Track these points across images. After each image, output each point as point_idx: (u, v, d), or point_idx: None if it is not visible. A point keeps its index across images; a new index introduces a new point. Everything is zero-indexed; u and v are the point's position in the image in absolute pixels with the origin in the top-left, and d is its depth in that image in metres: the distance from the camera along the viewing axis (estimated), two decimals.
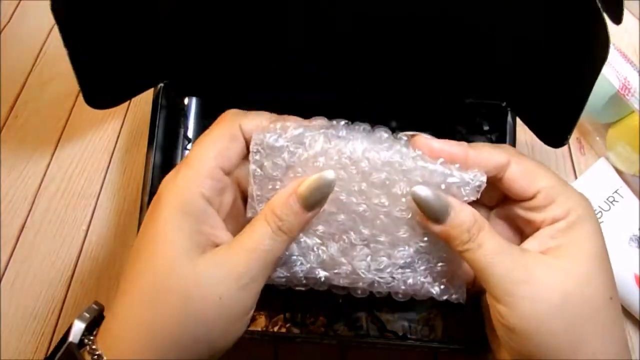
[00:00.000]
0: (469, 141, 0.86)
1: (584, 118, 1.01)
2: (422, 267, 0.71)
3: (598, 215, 0.92)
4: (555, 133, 0.78)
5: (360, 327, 0.83)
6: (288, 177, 0.67)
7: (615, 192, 0.94)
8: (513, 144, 0.84)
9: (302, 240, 0.69)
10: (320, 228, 0.69)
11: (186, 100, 0.89)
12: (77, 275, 0.91)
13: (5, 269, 0.92)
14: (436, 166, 0.67)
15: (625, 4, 0.62)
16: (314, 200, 0.62)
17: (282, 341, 0.85)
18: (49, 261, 0.93)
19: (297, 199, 0.61)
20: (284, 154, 0.67)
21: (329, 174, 0.63)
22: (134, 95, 0.85)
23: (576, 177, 0.98)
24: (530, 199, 0.63)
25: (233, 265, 0.58)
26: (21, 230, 0.95)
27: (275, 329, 0.82)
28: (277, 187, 0.67)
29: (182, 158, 0.87)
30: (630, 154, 0.93)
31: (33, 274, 0.92)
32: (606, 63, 0.88)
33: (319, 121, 0.71)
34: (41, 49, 1.14)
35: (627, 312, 0.88)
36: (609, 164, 0.98)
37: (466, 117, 0.88)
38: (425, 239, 0.69)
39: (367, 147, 0.67)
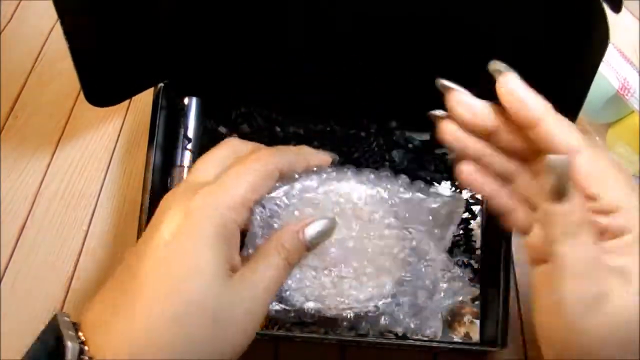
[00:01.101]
0: None
1: (584, 118, 1.01)
2: (404, 300, 0.75)
3: None
4: None
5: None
6: (287, 216, 0.72)
7: None
8: None
9: (297, 275, 0.73)
10: (315, 263, 0.73)
11: (186, 100, 0.88)
12: (77, 275, 0.91)
13: (6, 269, 0.92)
14: (419, 195, 0.74)
15: (625, 3, 0.62)
16: (318, 242, 0.67)
17: (282, 341, 0.85)
18: (49, 261, 0.93)
19: (304, 237, 0.65)
20: (282, 198, 0.73)
21: (332, 222, 0.69)
22: (134, 94, 0.86)
23: None
24: (590, 198, 0.57)
25: (257, 291, 0.60)
26: (21, 230, 0.95)
27: (275, 328, 0.82)
28: (276, 226, 0.72)
29: (182, 158, 0.87)
30: (630, 154, 0.93)
31: (33, 274, 0.92)
32: (606, 63, 0.89)
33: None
34: (41, 50, 1.14)
35: None
36: None
37: None
38: (408, 275, 0.74)
39: (355, 187, 0.75)
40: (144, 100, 0.97)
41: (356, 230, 0.74)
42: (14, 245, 0.94)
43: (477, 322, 0.84)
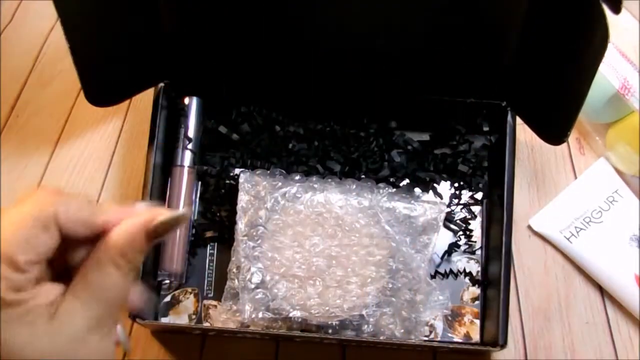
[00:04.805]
0: (468, 141, 0.87)
1: (584, 118, 1.01)
2: (387, 309, 0.79)
3: (598, 215, 0.92)
4: (555, 130, 0.78)
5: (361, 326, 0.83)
6: (270, 225, 0.79)
7: (615, 192, 0.94)
8: (513, 144, 0.84)
9: (284, 285, 0.78)
10: (300, 273, 0.78)
11: (186, 100, 0.89)
12: None
13: None
14: (400, 204, 0.81)
15: (625, 4, 0.62)
16: (163, 235, 0.53)
17: (282, 341, 0.85)
18: None
19: (148, 234, 0.52)
20: (267, 204, 0.80)
21: (185, 211, 0.60)
22: (134, 94, 0.86)
23: (576, 177, 0.98)
24: None
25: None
26: None
27: (277, 328, 0.82)
28: (260, 231, 0.79)
29: (182, 158, 0.88)
30: (630, 154, 0.93)
31: None
32: (606, 63, 0.88)
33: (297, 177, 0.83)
34: (41, 49, 1.13)
35: (627, 312, 0.88)
36: (608, 164, 0.98)
37: (466, 117, 0.89)
38: (390, 284, 0.79)
39: (337, 196, 0.81)
40: (144, 100, 0.97)
41: (339, 239, 0.79)
42: None
43: (478, 322, 0.85)
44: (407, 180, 0.89)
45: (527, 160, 0.99)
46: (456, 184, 0.91)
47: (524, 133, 0.95)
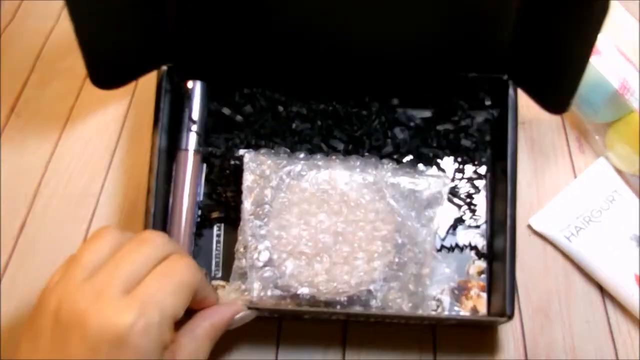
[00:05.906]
0: (470, 116, 0.88)
1: (584, 117, 1.02)
2: (394, 284, 0.79)
3: (598, 215, 0.93)
4: (556, 100, 0.79)
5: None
6: (276, 204, 0.81)
7: (615, 191, 0.95)
8: (515, 117, 0.85)
9: (291, 262, 0.80)
10: (307, 250, 0.79)
11: (190, 84, 0.90)
12: None
13: (6, 268, 0.91)
14: (405, 179, 0.83)
15: (625, 4, 0.63)
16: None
17: (285, 317, 0.85)
18: (49, 260, 0.91)
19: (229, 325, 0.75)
20: (272, 182, 0.82)
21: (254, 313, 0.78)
22: (139, 75, 0.86)
23: (576, 177, 0.99)
24: None
25: None
26: (21, 229, 0.95)
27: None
28: (266, 210, 0.81)
29: (187, 141, 0.89)
30: (630, 154, 0.94)
31: (33, 273, 0.91)
32: (606, 62, 0.90)
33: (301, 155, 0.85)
34: (42, 48, 1.14)
35: (627, 312, 0.88)
36: (608, 164, 0.98)
37: (468, 92, 0.90)
38: (397, 258, 0.80)
39: (342, 173, 0.83)
40: (146, 97, 0.97)
41: (345, 215, 0.80)
42: (14, 244, 0.94)
43: (484, 295, 0.85)
44: (410, 157, 0.89)
45: (527, 160, 1.00)
46: (459, 159, 0.91)
47: (524, 133, 0.96)
